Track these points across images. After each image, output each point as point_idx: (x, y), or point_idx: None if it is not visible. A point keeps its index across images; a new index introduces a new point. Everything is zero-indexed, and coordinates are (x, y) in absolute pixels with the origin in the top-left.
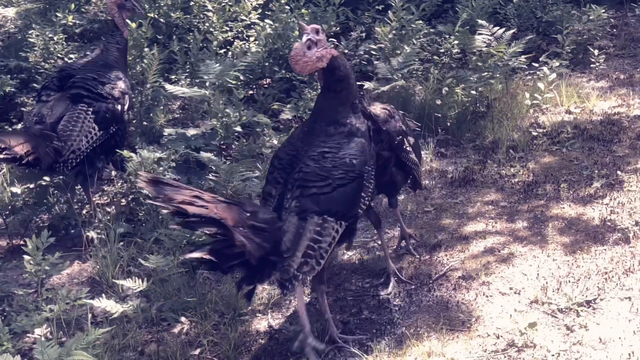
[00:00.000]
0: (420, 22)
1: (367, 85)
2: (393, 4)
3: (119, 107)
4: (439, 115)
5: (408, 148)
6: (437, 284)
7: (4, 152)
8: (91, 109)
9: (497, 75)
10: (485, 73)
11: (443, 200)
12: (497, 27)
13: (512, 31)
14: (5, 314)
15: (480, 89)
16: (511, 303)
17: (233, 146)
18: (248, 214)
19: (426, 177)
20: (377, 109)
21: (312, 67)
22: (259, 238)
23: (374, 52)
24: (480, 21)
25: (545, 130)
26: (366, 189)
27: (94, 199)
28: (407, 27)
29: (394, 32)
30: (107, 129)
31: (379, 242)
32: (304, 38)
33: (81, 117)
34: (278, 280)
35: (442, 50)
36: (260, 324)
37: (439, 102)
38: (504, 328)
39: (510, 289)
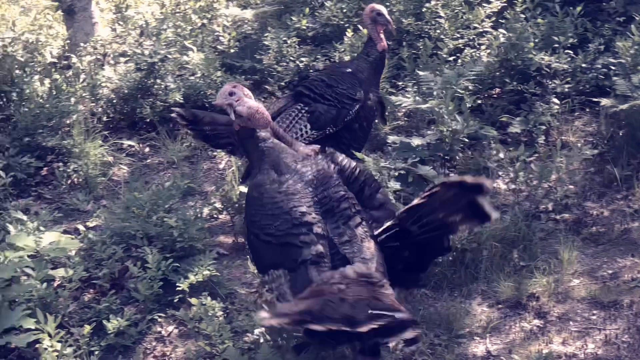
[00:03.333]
0: None
1: (604, 102)
2: (636, 16)
3: (342, 110)
4: None
5: None
6: None
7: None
8: (306, 108)
9: None
10: None
11: None
12: None
13: None
14: (227, 311)
15: None
16: None
17: (457, 158)
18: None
19: None
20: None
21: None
22: None
23: (612, 67)
24: None
25: None
26: None
27: None
28: None
29: (636, 47)
30: (321, 129)
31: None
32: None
33: (293, 114)
34: None
35: None
36: (478, 348)
37: None
38: None
39: None
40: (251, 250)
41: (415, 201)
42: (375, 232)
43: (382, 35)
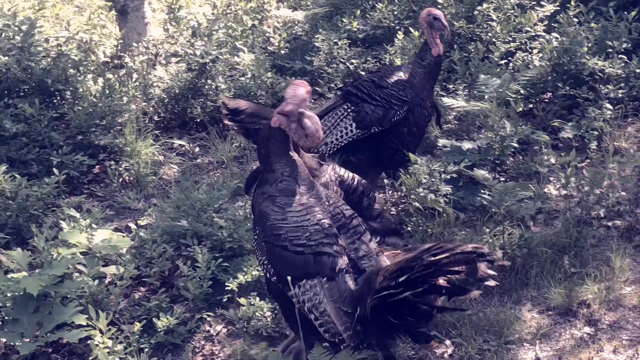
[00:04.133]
0: None
1: None
2: None
3: (390, 111)
4: None
5: None
6: None
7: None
8: (353, 107)
9: None
10: None
11: None
12: None
13: None
14: (276, 312)
15: None
16: None
17: (508, 162)
18: None
19: None
20: None
21: None
22: None
23: None
24: None
25: None
26: None
27: None
28: None
29: None
30: (366, 128)
31: None
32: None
33: (339, 114)
34: None
35: None
36: (527, 354)
37: None
38: None
39: None
40: (275, 262)
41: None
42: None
43: (437, 41)
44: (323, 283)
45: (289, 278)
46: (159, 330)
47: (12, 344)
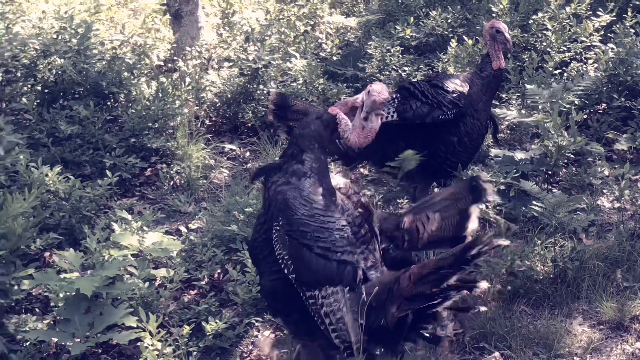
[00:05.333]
0: None
1: None
2: None
3: (436, 110)
4: None
5: None
6: None
7: None
8: (401, 99)
9: None
10: None
11: None
12: None
13: None
14: None
15: None
16: None
17: (561, 173)
18: None
19: None
20: None
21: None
22: None
23: None
24: None
25: None
26: None
27: None
28: None
29: None
30: (406, 120)
31: None
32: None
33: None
34: None
35: None
36: None
37: None
38: None
39: None
40: (297, 261)
41: None
42: None
43: (499, 54)
44: (345, 292)
45: (294, 277)
46: (208, 334)
47: (63, 343)
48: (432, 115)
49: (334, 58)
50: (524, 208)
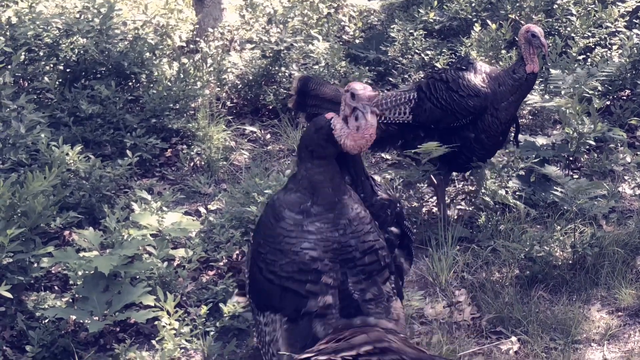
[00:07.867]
0: None
1: None
2: None
3: (449, 117)
4: None
5: None
6: None
7: None
8: (417, 101)
9: None
10: None
11: None
12: None
13: None
14: None
15: None
16: None
17: (582, 159)
18: None
19: None
20: None
21: None
22: None
23: None
24: None
25: None
26: None
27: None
28: None
29: None
30: (420, 122)
31: None
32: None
33: (404, 98)
34: None
35: None
36: (595, 355)
37: None
38: None
39: None
40: (251, 281)
41: None
42: None
43: (534, 58)
44: (283, 322)
45: (251, 298)
46: (225, 315)
47: (81, 321)
48: (446, 121)
49: (357, 41)
50: (544, 193)
